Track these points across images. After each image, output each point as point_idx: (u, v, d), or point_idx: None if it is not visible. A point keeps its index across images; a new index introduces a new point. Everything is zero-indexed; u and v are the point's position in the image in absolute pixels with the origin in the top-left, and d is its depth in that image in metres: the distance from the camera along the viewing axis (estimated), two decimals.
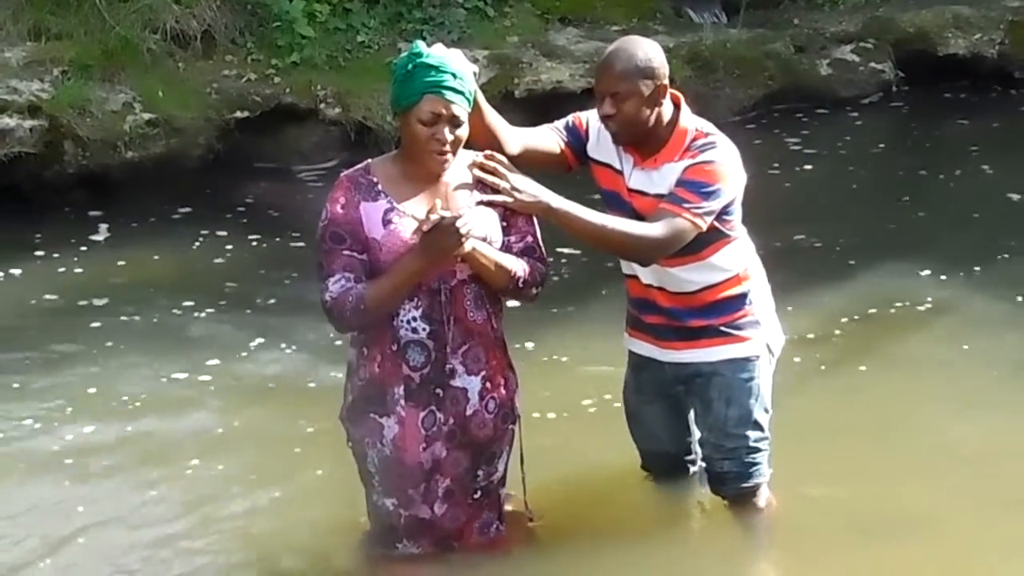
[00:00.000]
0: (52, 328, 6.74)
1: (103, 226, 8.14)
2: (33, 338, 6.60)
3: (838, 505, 4.84)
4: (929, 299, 6.89)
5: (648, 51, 4.33)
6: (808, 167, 9.42)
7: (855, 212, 8.43)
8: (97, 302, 7.03)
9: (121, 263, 7.59)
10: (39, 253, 7.69)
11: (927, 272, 7.22)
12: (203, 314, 6.86)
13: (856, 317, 6.70)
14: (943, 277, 7.16)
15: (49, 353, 6.43)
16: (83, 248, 7.81)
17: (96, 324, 6.77)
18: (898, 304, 6.85)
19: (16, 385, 6.09)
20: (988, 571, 4.54)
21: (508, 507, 4.44)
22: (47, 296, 7.15)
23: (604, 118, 4.34)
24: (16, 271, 7.47)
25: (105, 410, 5.85)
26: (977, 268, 7.27)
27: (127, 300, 7.04)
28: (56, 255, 7.67)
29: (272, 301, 7.00)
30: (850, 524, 4.70)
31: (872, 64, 10.84)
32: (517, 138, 4.35)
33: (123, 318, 6.82)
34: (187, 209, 8.46)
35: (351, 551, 4.52)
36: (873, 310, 6.79)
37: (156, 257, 7.70)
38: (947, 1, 11.31)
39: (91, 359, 6.35)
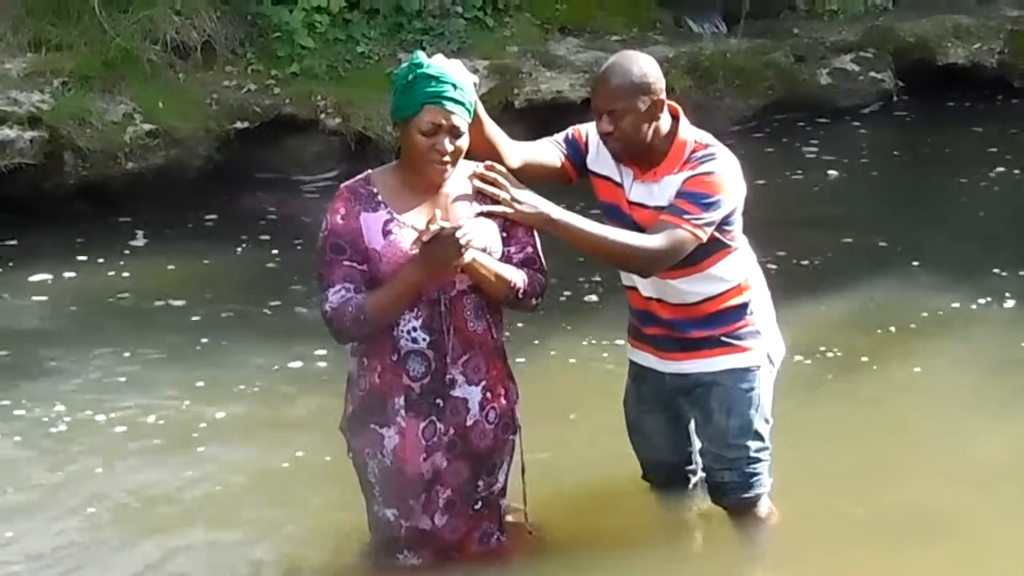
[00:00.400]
0: (141, 325, 6.86)
1: (139, 232, 8.19)
2: (120, 334, 6.70)
3: (841, 516, 4.82)
4: (992, 299, 6.90)
5: (644, 66, 4.31)
6: (833, 173, 9.41)
7: (903, 215, 8.45)
8: (175, 302, 7.11)
9: (171, 267, 7.65)
10: (82, 257, 7.74)
11: (998, 270, 7.26)
12: (300, 309, 6.91)
13: (892, 320, 6.74)
14: (1021, 273, 7.19)
15: (145, 347, 6.54)
16: (126, 252, 7.86)
17: (196, 317, 6.89)
18: (950, 306, 6.87)
19: (122, 379, 6.21)
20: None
21: (509, 518, 4.43)
22: (121, 295, 7.24)
23: (603, 135, 4.33)
24: (69, 274, 7.52)
25: (224, 399, 5.96)
26: None
27: (202, 299, 7.14)
28: (100, 260, 7.72)
29: None
30: (854, 535, 4.69)
31: (872, 73, 10.85)
32: (517, 151, 4.34)
33: (223, 315, 6.92)
34: (213, 216, 8.51)
35: (352, 561, 4.51)
36: (922, 313, 6.81)
37: (206, 261, 7.75)
38: (947, 10, 11.33)
39: (197, 354, 6.48)
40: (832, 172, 9.41)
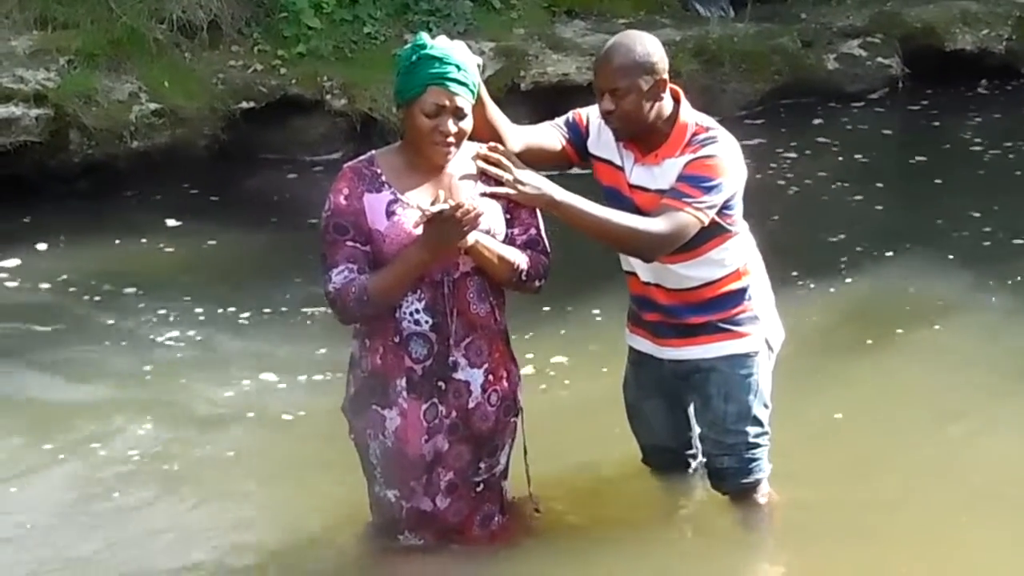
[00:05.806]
0: (147, 304, 6.87)
1: (143, 212, 8.22)
2: (125, 313, 6.76)
3: (840, 500, 4.82)
4: (994, 287, 6.87)
5: (647, 45, 4.30)
6: (838, 158, 9.37)
7: (908, 201, 8.43)
8: (179, 281, 7.12)
9: (175, 247, 7.70)
10: (87, 236, 7.76)
11: (1000, 257, 7.22)
12: (304, 290, 6.88)
13: (894, 307, 6.73)
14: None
15: (149, 326, 6.62)
16: (131, 232, 7.87)
17: (200, 297, 6.90)
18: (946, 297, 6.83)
19: (127, 356, 6.25)
20: (991, 566, 4.52)
21: (511, 498, 4.44)
22: (126, 274, 7.25)
23: (604, 114, 4.32)
24: (73, 253, 7.57)
25: (226, 379, 6.01)
26: None
27: (207, 278, 7.21)
28: (105, 239, 7.75)
29: None
30: (852, 519, 4.69)
31: (879, 59, 10.83)
32: (518, 135, 4.33)
33: (227, 294, 6.94)
34: (218, 196, 8.53)
35: (353, 542, 4.52)
36: (910, 303, 6.80)
37: (211, 241, 7.77)
38: None
39: (200, 332, 6.53)
40: (837, 158, 9.38)
